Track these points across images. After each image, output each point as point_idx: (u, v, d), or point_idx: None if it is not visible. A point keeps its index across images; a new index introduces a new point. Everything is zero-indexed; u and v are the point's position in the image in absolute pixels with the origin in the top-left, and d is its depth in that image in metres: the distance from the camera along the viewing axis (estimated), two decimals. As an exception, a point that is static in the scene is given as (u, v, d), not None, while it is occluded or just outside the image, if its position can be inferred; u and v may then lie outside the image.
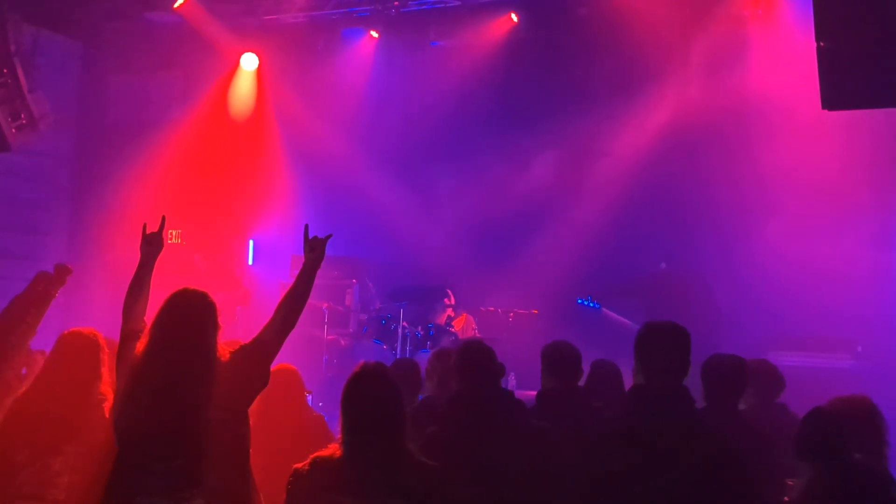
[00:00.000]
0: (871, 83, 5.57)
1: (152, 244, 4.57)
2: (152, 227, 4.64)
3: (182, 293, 4.12)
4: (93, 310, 10.78)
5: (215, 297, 4.20)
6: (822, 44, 5.30)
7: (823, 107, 5.67)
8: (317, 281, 4.56)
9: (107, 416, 4.69)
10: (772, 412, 5.73)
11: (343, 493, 3.72)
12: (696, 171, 10.90)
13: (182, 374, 3.92)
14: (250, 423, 5.38)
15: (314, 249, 4.51)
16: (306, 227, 4.66)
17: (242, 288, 12.48)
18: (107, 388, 4.94)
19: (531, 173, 11.52)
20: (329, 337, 11.67)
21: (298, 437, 5.23)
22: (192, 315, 4.05)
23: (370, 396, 3.90)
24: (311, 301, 11.77)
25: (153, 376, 3.92)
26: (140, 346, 4.04)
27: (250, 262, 13.80)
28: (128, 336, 4.25)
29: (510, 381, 10.38)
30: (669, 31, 10.81)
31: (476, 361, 4.87)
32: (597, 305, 10.73)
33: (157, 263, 4.53)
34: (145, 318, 4.34)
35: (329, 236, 4.59)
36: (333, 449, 3.87)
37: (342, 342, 11.93)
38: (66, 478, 4.70)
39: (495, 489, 4.33)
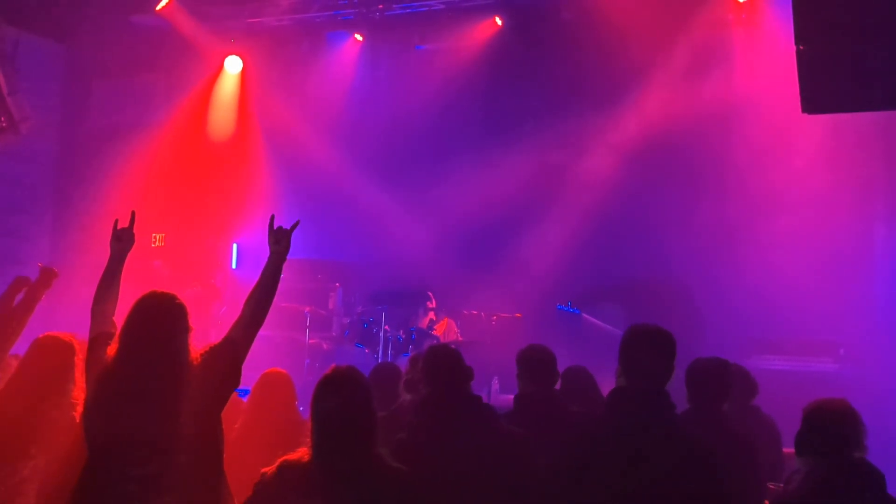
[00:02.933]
0: (850, 87, 5.59)
1: (122, 240, 4.52)
2: (123, 223, 4.59)
3: (151, 296, 4.02)
4: (75, 313, 10.71)
5: (182, 298, 4.10)
6: (801, 47, 5.32)
7: (803, 111, 5.68)
8: (300, 284, 4.49)
9: (78, 421, 4.63)
10: (746, 414, 5.76)
11: (310, 498, 3.66)
12: (678, 176, 10.93)
13: (153, 377, 3.84)
14: (238, 425, 5.37)
15: (279, 241, 4.35)
16: (272, 217, 4.48)
17: (212, 287, 12.41)
18: (80, 394, 4.86)
19: (514, 176, 11.50)
20: (311, 340, 11.62)
21: (284, 441, 5.19)
22: (161, 317, 3.95)
23: (340, 401, 3.80)
24: (293, 304, 11.77)
25: (124, 380, 3.84)
26: (110, 349, 3.95)
27: (234, 266, 13.74)
28: (97, 339, 4.18)
29: (493, 385, 10.38)
30: (653, 35, 10.84)
31: (442, 366, 4.82)
32: (577, 311, 10.73)
33: None
34: (115, 319, 4.29)
35: (296, 225, 4.43)
36: (302, 453, 3.80)
37: (324, 346, 11.88)
38: (34, 484, 4.61)
39: (466, 495, 4.30)
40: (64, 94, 13.77)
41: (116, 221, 4.58)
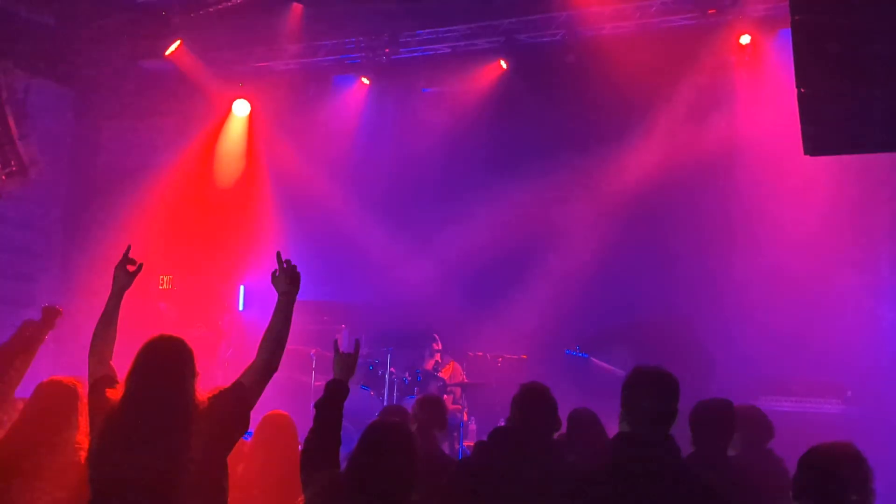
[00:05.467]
0: (852, 128, 5.62)
1: (127, 274, 4.61)
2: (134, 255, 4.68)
3: (158, 339, 4.02)
4: (83, 356, 10.70)
5: (188, 340, 4.13)
6: (802, 90, 5.35)
7: (805, 153, 5.72)
8: (305, 326, 4.50)
9: (82, 465, 4.63)
10: (759, 458, 5.70)
11: None
12: (683, 218, 10.95)
13: (160, 422, 3.83)
14: (242, 468, 5.35)
15: (292, 283, 4.43)
16: (278, 254, 4.51)
17: (218, 329, 12.41)
18: (83, 438, 4.86)
19: (519, 218, 11.55)
20: (317, 383, 11.55)
21: (287, 487, 5.17)
22: (168, 361, 3.96)
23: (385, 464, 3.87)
24: (298, 347, 11.69)
25: (130, 424, 3.83)
26: (116, 393, 3.95)
27: (241, 308, 13.74)
28: (97, 383, 4.19)
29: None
30: (657, 77, 10.91)
31: (535, 403, 4.85)
32: (585, 355, 10.69)
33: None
34: (112, 363, 4.30)
35: (291, 266, 4.47)
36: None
37: (330, 388, 11.79)
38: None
39: None
40: (73, 138, 13.85)
41: (128, 248, 4.68)
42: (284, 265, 4.44)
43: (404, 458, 3.88)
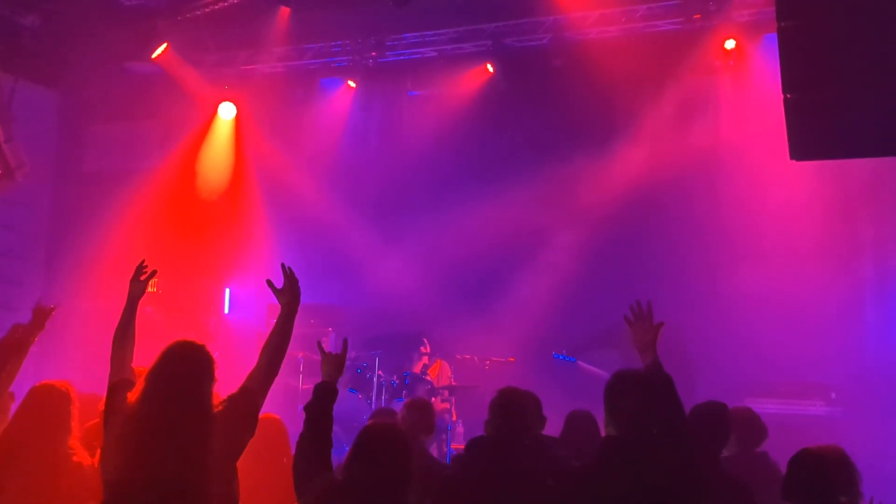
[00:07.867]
0: (838, 134, 5.66)
1: (140, 283, 4.70)
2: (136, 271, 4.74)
3: (180, 345, 4.03)
4: (68, 359, 10.68)
5: None
6: (789, 95, 5.40)
7: (791, 157, 5.75)
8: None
9: (74, 469, 4.64)
10: (753, 460, 5.72)
11: None
12: (669, 221, 10.98)
13: (179, 427, 3.81)
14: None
15: (293, 294, 4.48)
16: (283, 265, 4.58)
17: (204, 332, 12.39)
18: (76, 442, 4.88)
19: (506, 222, 11.56)
20: (304, 386, 11.55)
21: (278, 490, 5.18)
22: (189, 367, 3.96)
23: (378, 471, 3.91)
24: (286, 350, 11.58)
25: (149, 428, 3.80)
26: (134, 396, 3.92)
27: (226, 311, 13.71)
28: (116, 386, 4.19)
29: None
30: (642, 82, 10.97)
31: (510, 408, 4.84)
32: (572, 359, 10.70)
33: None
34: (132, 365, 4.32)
35: (294, 278, 4.52)
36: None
37: (318, 392, 11.78)
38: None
39: None
40: (59, 141, 13.82)
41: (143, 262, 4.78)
42: (288, 276, 4.47)
43: (399, 458, 3.90)
